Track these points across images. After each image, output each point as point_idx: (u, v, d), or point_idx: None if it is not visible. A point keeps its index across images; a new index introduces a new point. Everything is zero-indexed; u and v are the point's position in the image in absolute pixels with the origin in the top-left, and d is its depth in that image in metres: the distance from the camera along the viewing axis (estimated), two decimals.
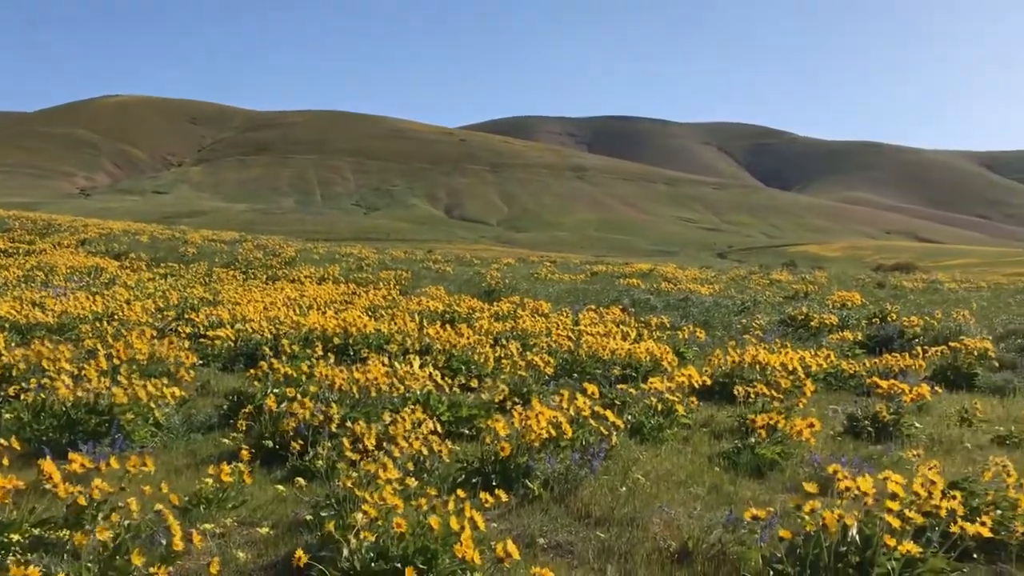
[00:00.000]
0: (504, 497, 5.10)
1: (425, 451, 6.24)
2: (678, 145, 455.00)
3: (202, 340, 12.06)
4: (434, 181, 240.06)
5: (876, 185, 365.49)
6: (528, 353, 11.23)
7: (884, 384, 9.79)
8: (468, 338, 12.16)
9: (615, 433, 7.40)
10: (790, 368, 10.92)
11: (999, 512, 5.79)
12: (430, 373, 8.92)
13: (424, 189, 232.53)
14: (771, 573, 4.64)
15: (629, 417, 8.56)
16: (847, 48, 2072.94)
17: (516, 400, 8.73)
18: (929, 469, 6.36)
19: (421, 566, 4.24)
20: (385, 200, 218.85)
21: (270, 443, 7.21)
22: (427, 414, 7.25)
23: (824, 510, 4.48)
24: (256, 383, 8.69)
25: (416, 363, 9.24)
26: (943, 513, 4.78)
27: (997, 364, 13.64)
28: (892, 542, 4.41)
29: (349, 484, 5.25)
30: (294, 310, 14.53)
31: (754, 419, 8.10)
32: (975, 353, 13.34)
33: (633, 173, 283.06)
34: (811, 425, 7.62)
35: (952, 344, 13.70)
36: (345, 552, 4.46)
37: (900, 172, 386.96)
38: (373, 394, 8.20)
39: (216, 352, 11.73)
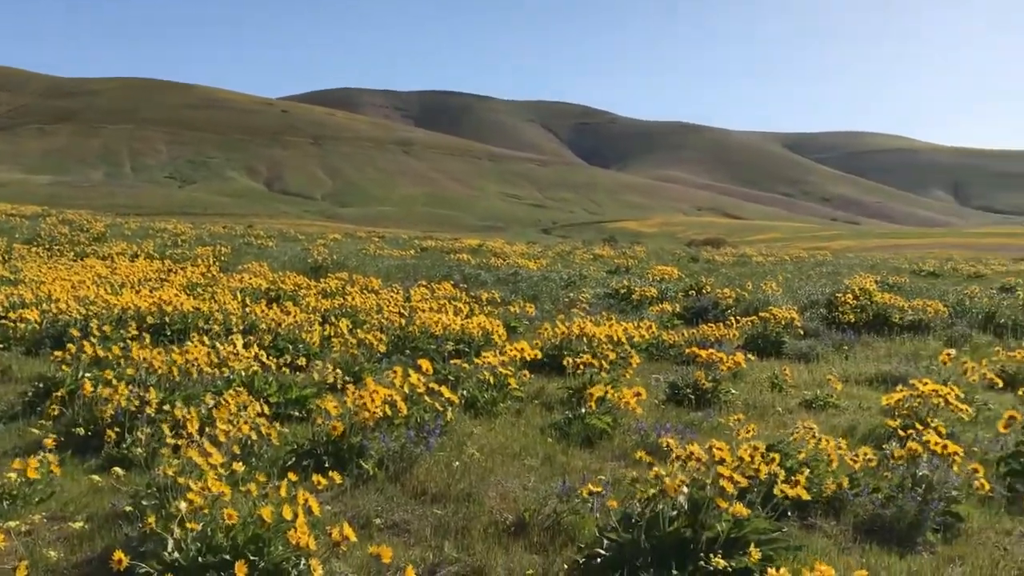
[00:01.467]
0: (338, 479, 4.94)
1: (253, 435, 5.97)
2: (503, 122, 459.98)
3: (2, 322, 11.08)
4: (253, 153, 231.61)
5: (688, 164, 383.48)
6: (359, 330, 11.00)
7: (703, 353, 10.25)
8: (295, 316, 11.78)
9: (450, 409, 7.36)
10: (616, 339, 11.25)
11: (809, 471, 6.17)
12: (256, 353, 8.55)
13: (243, 161, 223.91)
14: (606, 541, 4.73)
15: (463, 392, 8.55)
16: (663, 31, 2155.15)
17: (348, 379, 8.52)
18: (747, 433, 6.73)
19: (252, 556, 4.03)
20: (201, 173, 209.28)
21: (82, 431, 6.72)
22: (254, 396, 6.94)
23: (665, 477, 4.60)
24: (64, 367, 8.06)
25: (240, 343, 8.82)
26: (763, 476, 5.02)
27: (802, 332, 14.60)
28: (724, 504, 4.59)
29: (171, 472, 4.94)
30: (105, 288, 13.60)
31: (586, 390, 8.27)
32: (783, 322, 14.21)
33: (460, 148, 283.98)
34: (638, 395, 7.84)
35: (762, 314, 14.55)
36: (169, 545, 4.18)
37: (710, 152, 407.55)
38: (194, 376, 7.77)
39: (19, 335, 10.81)
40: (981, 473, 6.10)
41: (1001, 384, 10.40)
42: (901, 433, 6.73)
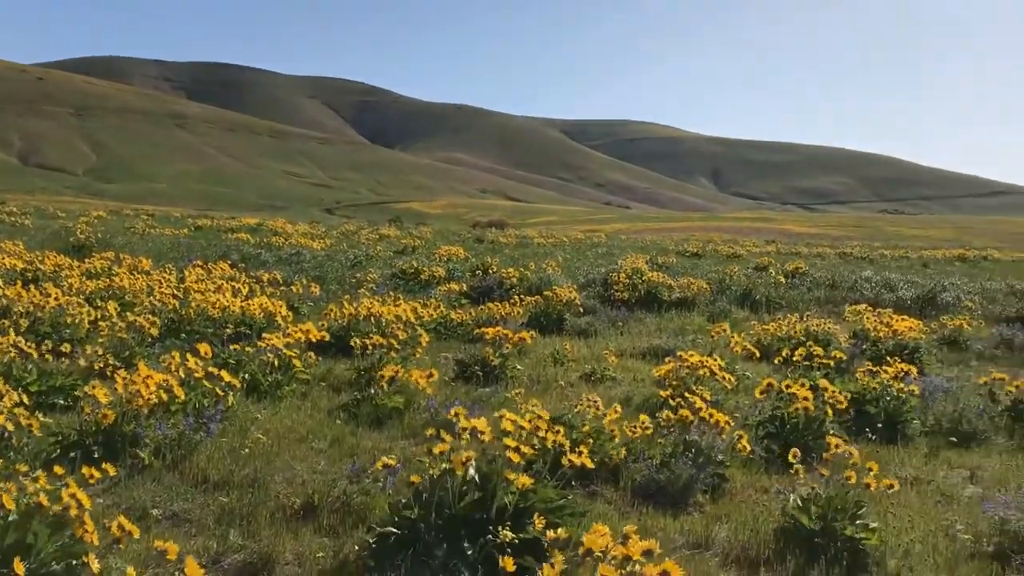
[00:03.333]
0: (111, 470, 4.61)
1: (11, 426, 5.46)
2: (283, 97, 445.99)
3: None
4: (4, 123, 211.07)
5: (473, 147, 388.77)
6: (128, 313, 10.32)
7: (490, 331, 10.43)
8: (56, 298, 10.87)
9: (231, 393, 7.07)
10: (404, 319, 11.22)
11: (592, 441, 6.46)
12: (13, 340, 7.82)
13: None
14: (397, 519, 4.71)
15: (246, 376, 8.23)
16: (449, 9, 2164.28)
17: (118, 364, 7.98)
18: (533, 406, 6.92)
19: (20, 559, 3.68)
20: None
21: None
22: (11, 385, 6.34)
23: (453, 452, 4.63)
24: None
25: None
26: (549, 446, 5.19)
27: (581, 310, 15.19)
28: (512, 476, 4.69)
29: None
30: None
31: (375, 371, 8.20)
32: (564, 301, 14.73)
33: (238, 124, 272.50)
34: (429, 375, 7.88)
35: (545, 293, 15.02)
36: None
37: (493, 136, 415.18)
38: None
39: None
40: (744, 437, 6.63)
41: (757, 355, 11.32)
42: (672, 402, 7.16)
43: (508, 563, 3.61)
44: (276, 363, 8.70)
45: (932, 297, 17.95)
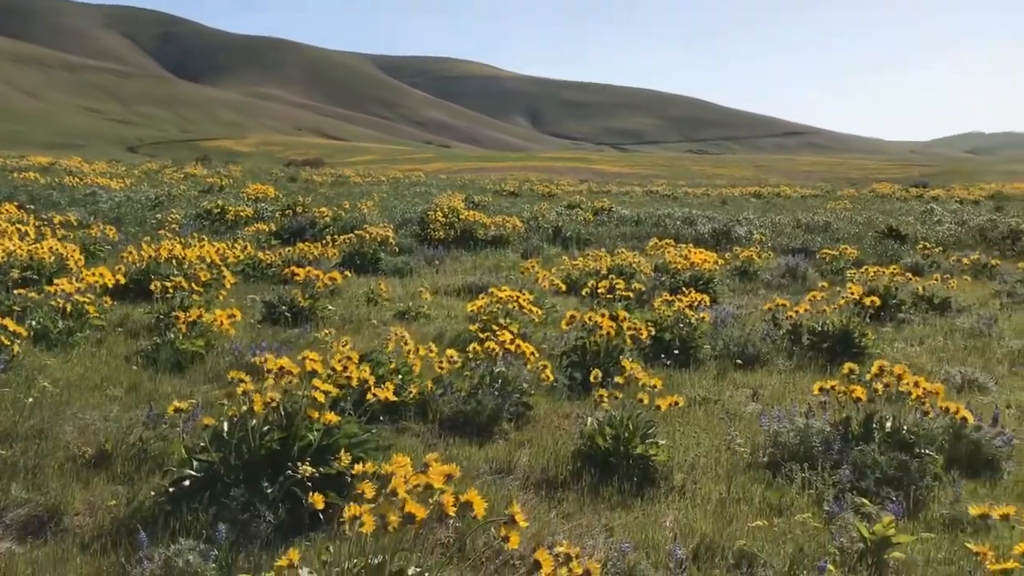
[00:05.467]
0: None
1: None
2: (77, 27, 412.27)
3: None
4: None
5: (285, 82, 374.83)
6: None
7: (300, 271, 10.23)
8: None
9: (17, 342, 6.62)
10: (209, 261, 10.81)
11: (400, 377, 6.52)
12: None
13: None
14: (195, 463, 4.61)
15: (33, 323, 7.73)
16: None
17: None
18: (343, 346, 6.89)
19: None
20: None
21: None
22: None
23: (255, 392, 4.54)
24: None
25: None
26: (355, 383, 5.19)
27: (397, 249, 15.18)
28: (315, 414, 4.67)
29: None
30: None
31: (174, 314, 7.88)
32: (378, 240, 14.64)
33: (27, 55, 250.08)
34: (232, 316, 7.65)
35: (359, 232, 14.85)
36: None
37: (308, 71, 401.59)
38: None
39: None
40: (548, 367, 6.88)
41: (565, 288, 11.71)
42: (482, 336, 7.31)
43: (318, 500, 3.59)
44: (68, 309, 8.21)
45: (727, 231, 19.09)
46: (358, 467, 3.69)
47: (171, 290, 8.84)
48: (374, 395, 5.09)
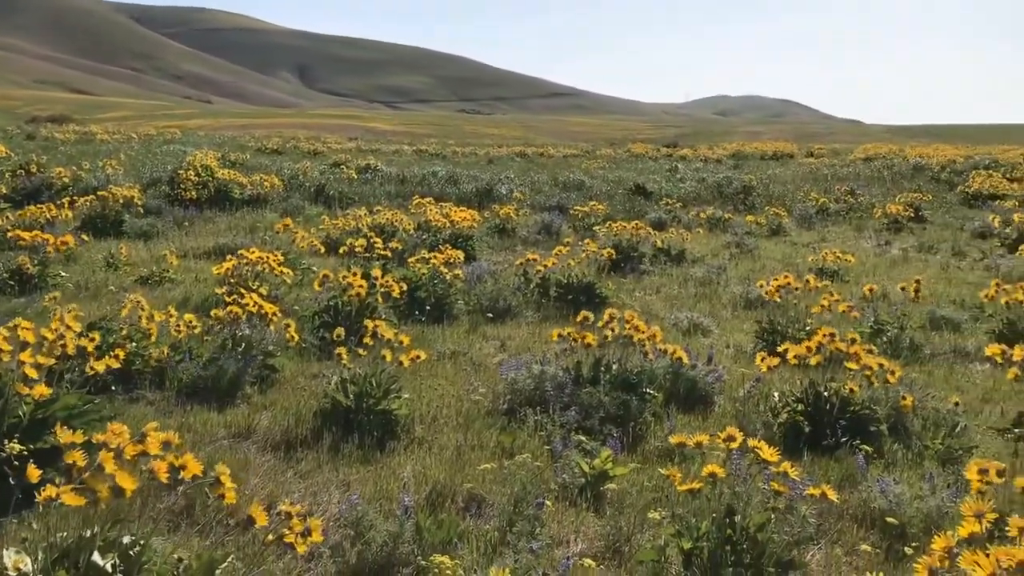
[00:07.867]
0: None
1: None
2: None
3: None
4: None
5: (23, 31, 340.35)
6: None
7: (27, 236, 9.46)
8: None
9: None
10: None
11: (134, 344, 6.21)
12: None
13: None
14: None
15: None
16: None
17: None
18: (69, 314, 6.46)
19: None
20: None
21: None
22: None
23: None
24: None
25: None
26: (71, 352, 4.89)
27: (144, 211, 14.33)
28: (25, 389, 4.37)
29: None
30: None
31: None
32: (122, 201, 13.76)
33: None
34: None
35: (101, 193, 13.89)
36: None
37: (47, 19, 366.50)
38: None
39: None
40: (293, 328, 6.80)
41: (324, 249, 11.58)
42: (227, 299, 7.10)
43: (33, 473, 3.38)
44: None
45: (489, 190, 19.53)
46: (66, 437, 3.52)
47: None
48: (91, 367, 4.82)
